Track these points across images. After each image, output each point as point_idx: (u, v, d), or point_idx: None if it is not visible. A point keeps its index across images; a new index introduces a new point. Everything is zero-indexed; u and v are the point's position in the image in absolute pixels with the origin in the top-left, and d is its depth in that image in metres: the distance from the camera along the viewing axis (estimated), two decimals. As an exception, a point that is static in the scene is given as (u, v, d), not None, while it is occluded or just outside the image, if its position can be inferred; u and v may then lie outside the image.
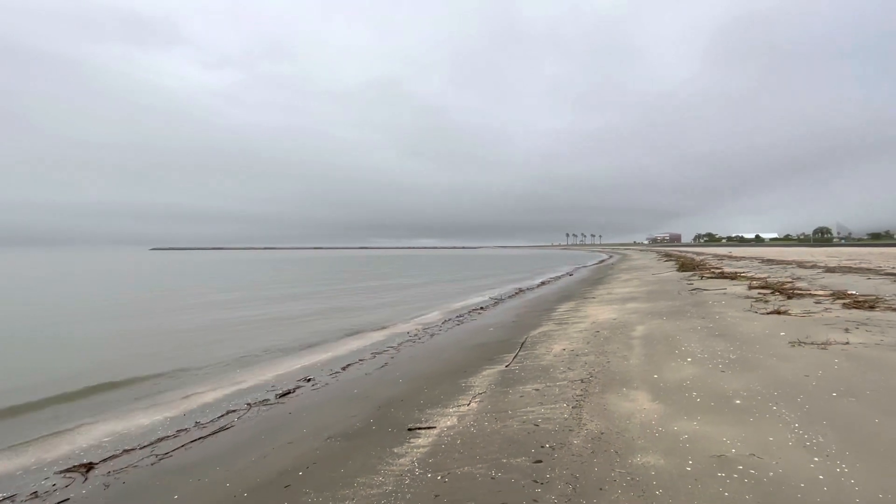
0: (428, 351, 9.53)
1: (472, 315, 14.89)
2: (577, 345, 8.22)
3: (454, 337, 10.97)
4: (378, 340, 11.52)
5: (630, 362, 6.58)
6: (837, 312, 8.83)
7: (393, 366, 8.38)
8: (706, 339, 7.52)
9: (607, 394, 5.29)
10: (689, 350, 6.89)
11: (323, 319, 15.25)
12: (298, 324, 14.48)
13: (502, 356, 7.98)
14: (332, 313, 16.73)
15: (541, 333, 9.82)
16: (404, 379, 7.22)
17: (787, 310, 9.22)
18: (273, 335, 12.51)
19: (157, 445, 5.20)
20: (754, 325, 8.23)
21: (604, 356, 7.13)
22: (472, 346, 9.34)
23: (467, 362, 7.91)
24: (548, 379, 6.19)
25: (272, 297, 22.92)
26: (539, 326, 10.87)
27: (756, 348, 6.63)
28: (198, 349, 10.79)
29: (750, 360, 6.03)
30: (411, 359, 8.88)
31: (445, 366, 7.85)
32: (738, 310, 10.08)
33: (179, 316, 16.51)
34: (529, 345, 8.73)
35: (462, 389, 6.19)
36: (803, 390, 4.76)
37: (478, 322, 13.15)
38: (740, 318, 9.00)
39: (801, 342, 6.64)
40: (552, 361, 7.16)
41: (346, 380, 7.67)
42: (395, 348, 10.10)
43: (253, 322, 14.85)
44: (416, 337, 11.46)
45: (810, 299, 10.76)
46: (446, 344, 10.13)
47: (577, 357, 7.25)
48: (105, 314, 17.33)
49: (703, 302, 11.89)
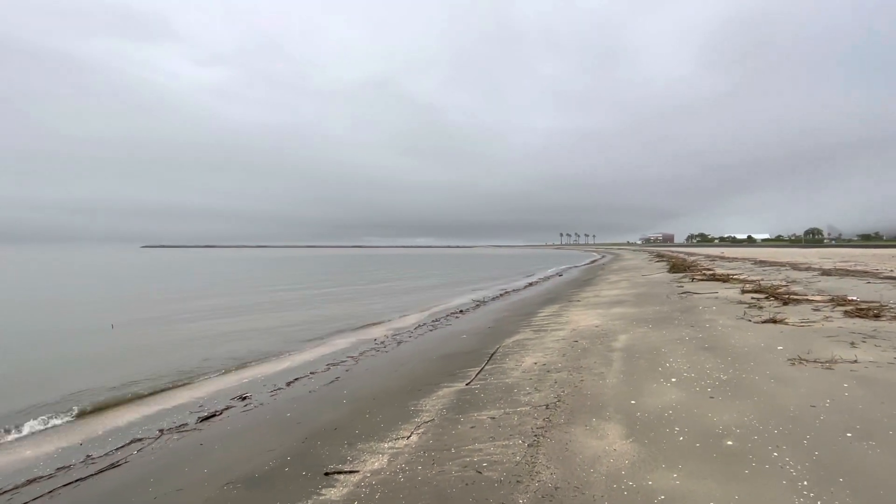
0: (388, 362, 8.60)
1: (450, 319, 13.97)
2: (551, 357, 7.32)
3: (422, 345, 10.05)
4: (341, 348, 10.58)
5: (606, 382, 5.69)
6: (839, 322, 7.99)
7: (344, 381, 7.44)
8: (694, 353, 6.64)
9: (574, 426, 4.39)
10: (675, 367, 6.00)
11: (292, 324, 14.28)
12: (264, 329, 13.50)
13: (466, 371, 7.07)
14: (304, 317, 15.76)
15: (515, 343, 8.92)
16: (350, 399, 6.29)
17: (783, 318, 8.37)
18: (232, 343, 11.52)
19: (19, 492, 4.23)
20: (748, 337, 7.37)
21: (578, 373, 6.23)
22: (438, 358, 8.42)
23: (426, 378, 6.99)
24: (508, 402, 5.28)
25: (247, 299, 21.90)
26: (515, 334, 9.97)
27: (751, 366, 5.75)
28: (141, 360, 9.79)
29: (744, 383, 5.15)
30: (367, 372, 7.95)
31: (401, 382, 6.92)
32: (731, 317, 9.23)
33: (138, 320, 15.45)
34: (499, 357, 7.83)
35: (409, 415, 5.27)
36: (810, 427, 3.87)
37: (452, 328, 12.24)
38: (732, 328, 8.14)
39: (802, 359, 5.77)
40: (519, 379, 6.26)
41: (285, 399, 6.72)
42: (354, 358, 9.17)
43: (216, 328, 13.84)
44: (383, 345, 10.52)
45: (808, 306, 9.93)
46: (411, 354, 9.20)
47: (548, 374, 6.35)
48: (57, 316, 16.25)
49: (693, 307, 11.04)
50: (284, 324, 14.33)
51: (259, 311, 17.10)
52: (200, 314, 16.45)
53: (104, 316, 15.81)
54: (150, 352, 10.45)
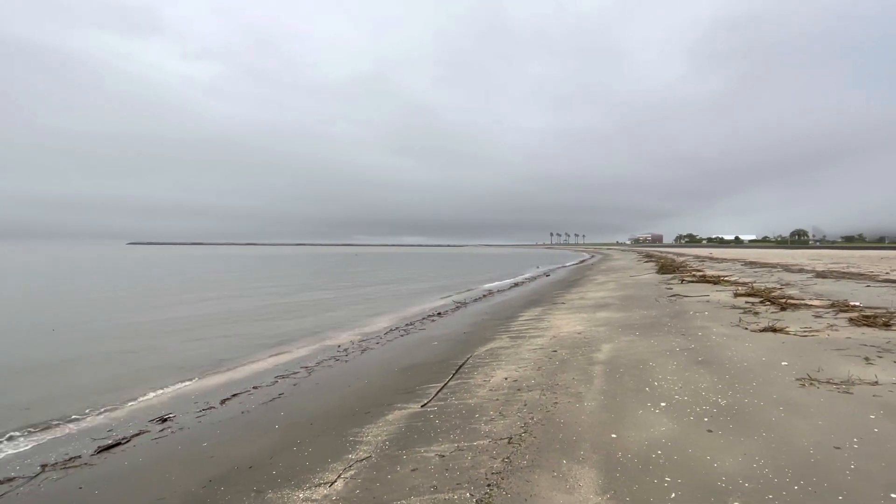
0: (344, 375, 7.64)
1: (425, 323, 13.04)
2: (525, 371, 6.42)
3: (387, 354, 9.10)
4: (300, 356, 9.59)
5: (584, 406, 4.80)
6: (846, 331, 7.19)
7: (286, 399, 6.47)
8: (687, 369, 5.78)
9: (538, 470, 3.48)
10: (665, 387, 5.13)
11: (257, 327, 13.23)
12: (225, 333, 12.44)
13: (427, 388, 6.15)
14: (273, 319, 14.71)
15: (488, 352, 8.02)
16: (284, 423, 5.34)
17: (783, 326, 7.56)
18: (184, 349, 10.47)
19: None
20: (746, 349, 6.53)
21: (552, 392, 5.34)
22: (400, 370, 7.49)
23: (380, 396, 6.06)
24: (466, 433, 4.37)
25: (217, 299, 20.75)
26: (490, 341, 9.07)
27: (753, 387, 4.90)
28: (67, 370, 8.71)
29: (747, 410, 4.29)
30: (316, 387, 6.98)
31: (349, 401, 5.98)
32: (725, 324, 8.41)
33: (89, 321, 14.29)
34: (468, 369, 6.92)
35: (344, 448, 4.33)
36: (840, 482, 3.01)
37: (425, 333, 11.31)
38: (728, 337, 7.31)
39: (813, 379, 4.93)
40: (484, 399, 5.35)
41: (211, 422, 5.74)
42: (308, 370, 8.19)
43: (171, 331, 12.76)
44: (345, 353, 9.55)
45: (807, 311, 9.16)
46: (372, 365, 8.25)
47: (518, 393, 5.45)
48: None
49: (684, 312, 10.22)
50: (249, 327, 13.28)
51: (225, 313, 16.01)
52: (160, 315, 15.32)
53: (54, 316, 14.63)
54: (82, 360, 9.36)
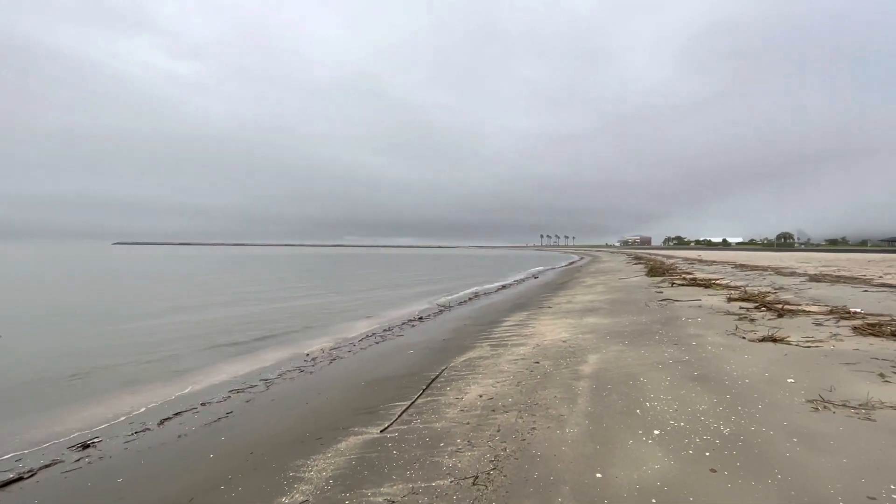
0: (305, 389, 6.91)
1: (404, 328, 12.33)
2: (502, 387, 5.76)
3: (356, 364, 8.38)
4: (264, 366, 8.84)
5: (565, 433, 4.15)
6: (852, 341, 6.64)
7: (234, 419, 5.74)
8: (682, 386, 5.16)
9: (505, 526, 2.81)
10: (658, 410, 4.50)
11: (226, 332, 12.42)
12: (191, 337, 11.62)
13: (391, 407, 5.46)
14: (245, 323, 13.90)
15: (466, 363, 7.35)
16: (221, 451, 4.61)
17: (783, 336, 6.98)
18: (140, 355, 9.67)
19: None
20: (746, 362, 5.93)
21: (530, 414, 4.68)
22: (367, 384, 6.78)
23: (337, 417, 5.36)
24: (425, 469, 3.69)
25: (190, 300, 19.84)
26: (470, 350, 8.41)
27: (759, 410, 4.28)
28: (2, 382, 7.88)
29: (756, 442, 3.66)
30: (271, 405, 6.25)
31: (302, 424, 5.26)
32: (720, 332, 7.84)
33: (45, 322, 13.37)
34: (441, 384, 6.24)
35: (279, 488, 3.63)
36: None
37: (403, 339, 10.60)
38: (725, 347, 6.72)
39: (827, 401, 4.32)
40: (453, 423, 4.67)
41: (140, 447, 4.99)
42: (267, 382, 7.45)
43: (132, 334, 11.90)
44: (313, 362, 8.82)
45: (806, 318, 8.62)
46: (337, 377, 7.53)
47: (492, 415, 4.78)
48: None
49: (675, 318, 9.65)
50: (217, 331, 12.47)
51: (196, 318, 15.15)
52: (126, 316, 14.43)
53: (11, 318, 13.69)
54: (15, 372, 8.50)
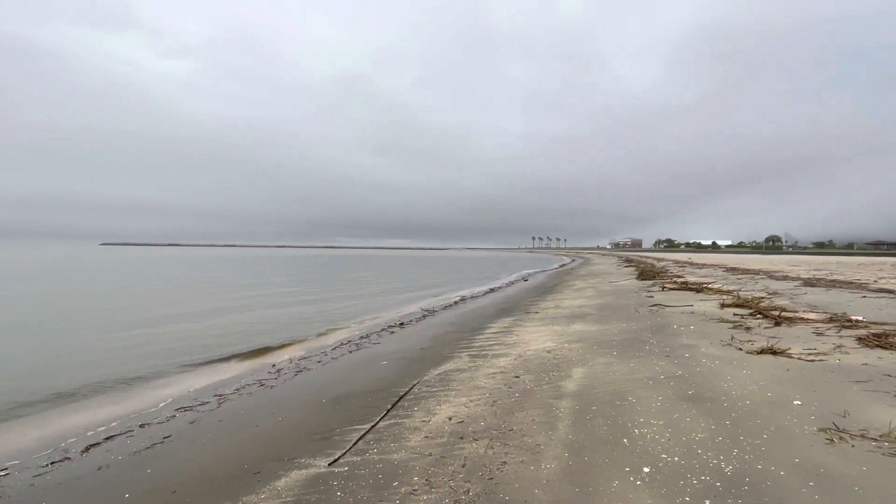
0: (260, 407, 6.24)
1: (383, 335, 11.69)
2: (476, 407, 5.16)
3: (324, 377, 7.72)
4: (223, 379, 8.16)
5: (540, 470, 3.54)
6: (858, 354, 6.11)
7: (169, 445, 5.06)
8: (675, 407, 4.58)
9: None
10: (648, 439, 3.91)
11: (193, 339, 11.70)
12: (152, 345, 10.89)
13: (350, 430, 4.82)
14: (215, 329, 13.18)
15: (441, 376, 6.74)
16: (139, 491, 3.94)
17: (783, 347, 6.44)
18: (92, 365, 8.95)
19: None
20: (744, 378, 5.38)
21: (503, 443, 4.08)
22: (330, 400, 6.13)
23: (286, 443, 4.71)
24: (369, 519, 3.06)
25: (164, 304, 19.03)
26: (447, 360, 7.80)
27: (764, 441, 3.70)
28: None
29: (765, 486, 3.07)
30: (216, 426, 5.57)
31: (244, 451, 4.61)
32: (714, 342, 7.29)
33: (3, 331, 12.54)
34: (409, 402, 5.62)
35: (192, 543, 2.98)
36: None
37: (378, 348, 9.96)
38: (720, 361, 6.16)
39: (842, 430, 3.75)
40: (413, 453, 4.05)
41: (46, 485, 4.30)
42: (221, 398, 6.77)
43: (89, 341, 11.14)
44: (277, 374, 8.15)
45: (805, 326, 8.11)
46: (299, 392, 6.87)
47: (460, 443, 4.17)
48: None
49: (667, 326, 9.11)
50: (184, 338, 11.73)
51: (165, 323, 14.38)
52: (92, 326, 13.63)
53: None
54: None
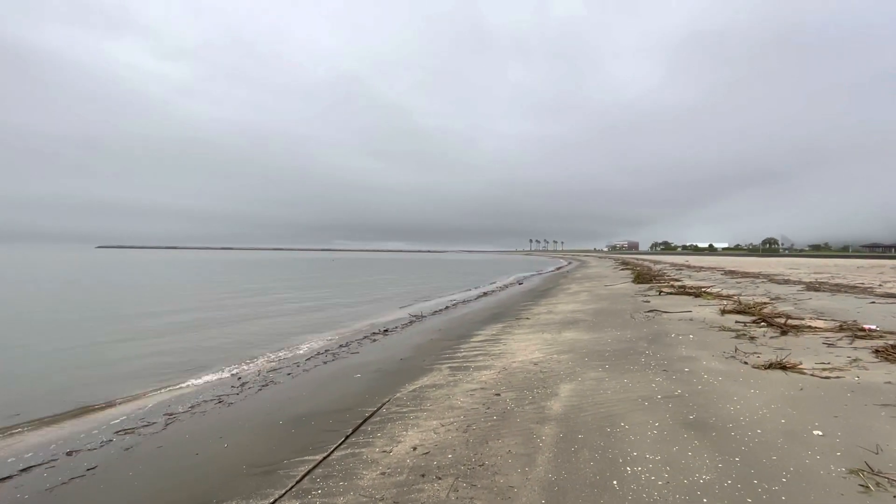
0: (209, 430, 5.57)
1: (363, 343, 11.02)
2: (448, 432, 4.51)
3: (289, 393, 7.04)
4: (185, 393, 7.49)
5: (510, 522, 2.89)
6: (878, 369, 5.49)
7: (89, 479, 4.39)
8: (674, 437, 3.94)
9: None
10: (642, 481, 3.27)
11: (167, 350, 11.01)
12: (109, 357, 10.20)
13: (298, 463, 4.17)
14: (194, 338, 12.49)
15: (415, 393, 6.09)
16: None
17: (794, 362, 5.81)
18: (44, 382, 8.27)
19: None
20: (753, 400, 4.74)
21: (470, 484, 3.44)
22: (288, 422, 5.47)
23: (222, 478, 4.05)
24: None
25: (144, 310, 18.31)
26: (426, 374, 7.16)
27: (783, 486, 3.06)
28: None
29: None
30: (153, 454, 4.90)
31: (168, 491, 3.94)
32: (717, 354, 6.66)
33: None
34: (374, 425, 4.97)
35: None
36: None
37: (356, 358, 9.29)
38: (724, 377, 5.53)
39: (876, 473, 3.12)
40: (364, 495, 3.40)
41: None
42: (170, 418, 6.09)
43: (42, 353, 10.44)
44: (240, 388, 7.47)
45: (814, 336, 7.49)
46: (258, 411, 6.19)
47: (420, 482, 3.53)
48: None
49: (664, 334, 8.48)
50: (159, 349, 11.03)
51: (138, 331, 13.68)
52: (58, 334, 12.93)
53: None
54: None
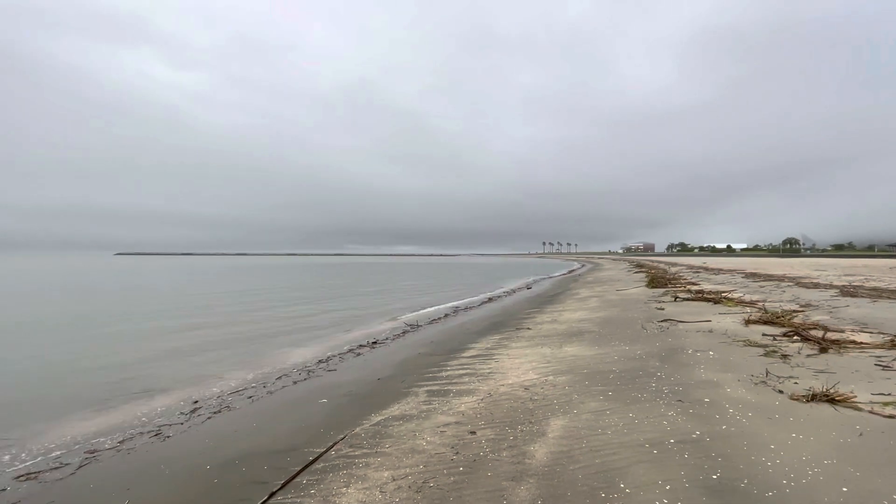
0: (128, 470, 4.63)
1: (346, 358, 10.08)
2: (398, 492, 3.51)
3: (237, 423, 6.08)
4: (124, 421, 6.59)
5: None
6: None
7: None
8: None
9: None
10: None
11: (139, 362, 10.22)
12: (69, 378, 9.43)
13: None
14: (167, 351, 11.70)
15: (377, 427, 5.10)
16: None
17: (845, 394, 4.66)
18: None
19: None
20: (797, 449, 3.64)
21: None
22: (219, 466, 4.51)
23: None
24: None
25: (140, 318, 17.65)
26: (399, 399, 6.17)
27: None
28: None
29: None
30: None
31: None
32: (743, 378, 5.54)
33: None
34: (311, 479, 3.99)
35: None
36: None
37: (332, 377, 8.33)
38: (756, 413, 4.42)
39: None
40: None
41: None
42: (91, 455, 5.18)
43: (34, 371, 9.71)
44: (191, 414, 6.56)
45: (860, 354, 6.31)
46: (193, 446, 5.23)
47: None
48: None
49: (679, 350, 7.35)
50: (119, 363, 10.25)
51: (104, 339, 12.93)
52: (33, 348, 12.25)
53: None
54: None
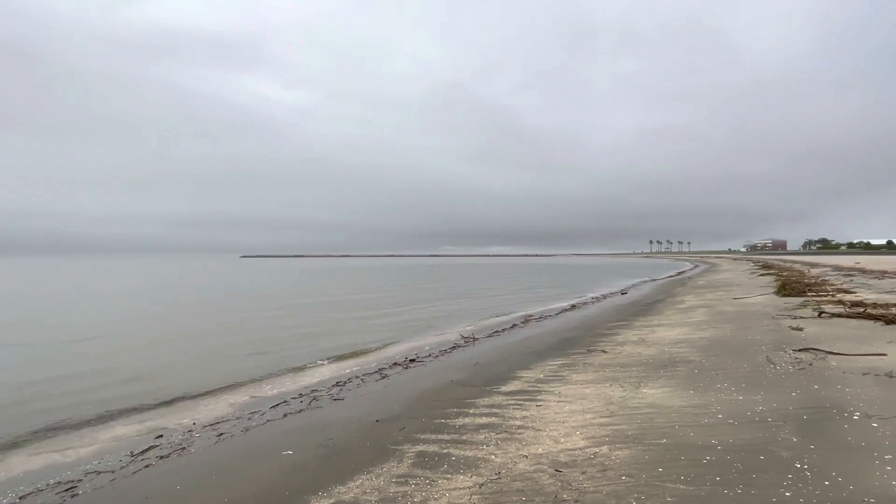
0: None
1: (367, 380, 8.48)
2: None
3: (173, 477, 4.66)
4: (64, 462, 5.60)
5: None
6: None
7: None
8: None
9: None
10: None
11: (142, 373, 9.76)
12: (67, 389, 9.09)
13: None
14: (186, 360, 11.23)
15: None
16: None
17: None
18: None
19: None
20: None
21: None
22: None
23: None
24: None
25: (191, 317, 18.10)
26: (378, 462, 4.37)
27: None
28: None
29: None
30: None
31: None
32: None
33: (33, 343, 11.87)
34: None
35: None
36: None
37: (328, 412, 6.72)
38: None
39: None
40: None
41: None
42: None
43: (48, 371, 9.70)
44: (134, 458, 5.37)
45: None
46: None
47: None
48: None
49: (834, 411, 4.49)
50: (101, 375, 9.81)
51: (82, 342, 12.87)
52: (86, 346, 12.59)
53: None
54: None
